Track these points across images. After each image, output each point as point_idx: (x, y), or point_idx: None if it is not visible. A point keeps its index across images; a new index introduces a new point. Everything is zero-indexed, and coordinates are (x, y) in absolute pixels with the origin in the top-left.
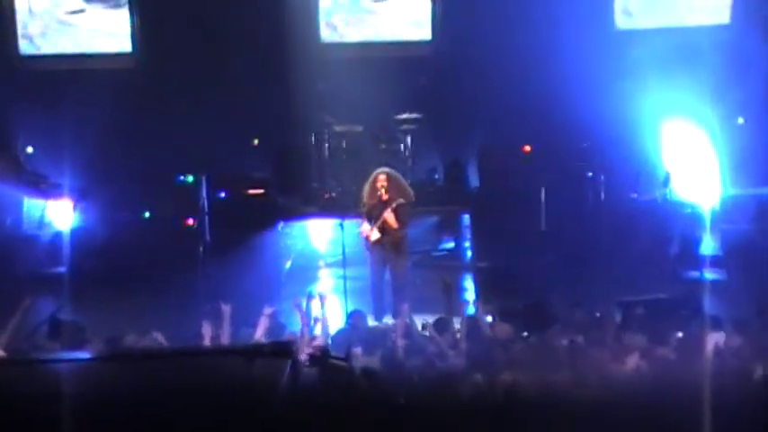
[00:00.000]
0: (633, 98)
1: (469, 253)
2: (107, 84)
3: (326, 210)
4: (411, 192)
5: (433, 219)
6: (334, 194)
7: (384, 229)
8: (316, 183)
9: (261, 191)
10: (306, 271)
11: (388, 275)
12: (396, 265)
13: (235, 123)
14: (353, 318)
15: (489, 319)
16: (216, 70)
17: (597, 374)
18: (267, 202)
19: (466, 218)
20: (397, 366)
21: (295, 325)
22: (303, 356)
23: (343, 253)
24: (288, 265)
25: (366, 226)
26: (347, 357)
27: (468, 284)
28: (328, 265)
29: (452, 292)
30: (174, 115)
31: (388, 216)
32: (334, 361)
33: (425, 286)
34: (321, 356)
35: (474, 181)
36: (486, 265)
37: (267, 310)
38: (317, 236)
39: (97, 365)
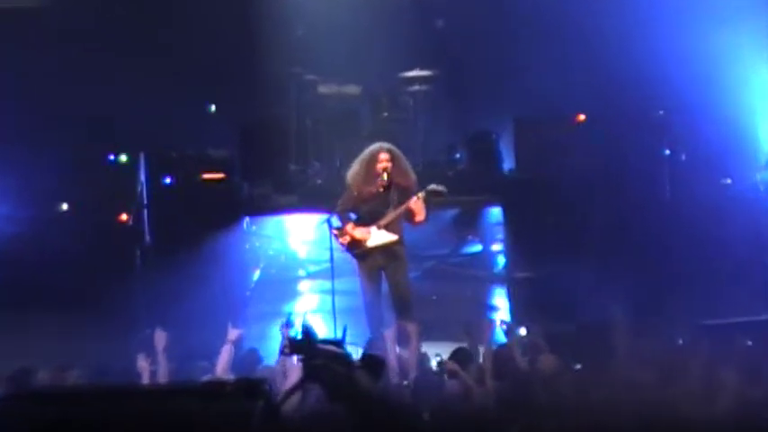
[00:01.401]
0: (726, 52)
1: (502, 259)
2: (3, 29)
3: (308, 201)
4: (414, 177)
5: (451, 212)
6: (318, 180)
7: (394, 228)
8: (294, 164)
9: (220, 175)
10: (281, 284)
11: (385, 289)
12: (395, 274)
13: (184, 84)
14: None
15: (527, 346)
16: (156, 10)
17: (675, 424)
18: (228, 190)
19: (496, 212)
20: (404, 412)
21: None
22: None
23: (332, 259)
24: (256, 275)
25: (351, 227)
26: (340, 342)
27: (500, 301)
28: (311, 276)
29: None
30: (97, 72)
31: (416, 206)
32: (324, 347)
33: (442, 304)
34: (303, 341)
35: (508, 162)
36: (524, 275)
37: (231, 334)
38: (296, 236)
39: None
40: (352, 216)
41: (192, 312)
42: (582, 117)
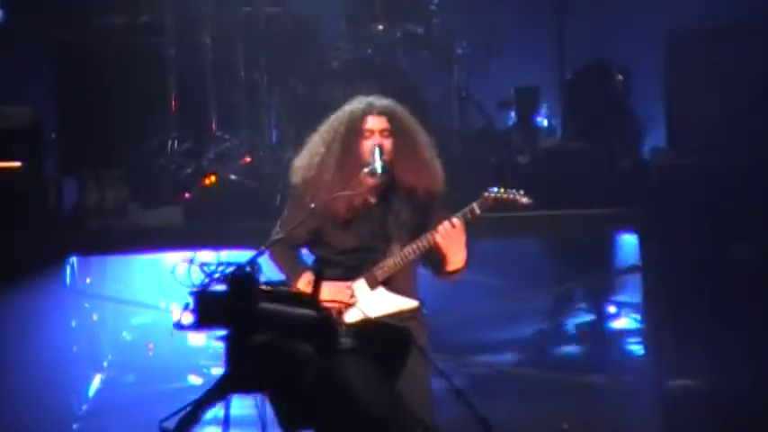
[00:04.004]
0: None
1: (639, 349)
2: None
3: (208, 217)
4: (439, 170)
5: (530, 246)
6: (231, 174)
7: (404, 283)
8: (175, 137)
9: (12, 163)
10: (148, 404)
11: None
12: (408, 387)
13: None
14: None
15: None
16: None
17: None
18: (32, 194)
19: (629, 243)
20: None
21: None
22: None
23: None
24: (95, 385)
25: (307, 282)
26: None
27: None
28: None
29: None
30: None
31: (450, 238)
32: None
33: None
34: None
35: (651, 134)
36: (688, 383)
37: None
38: (183, 297)
39: None
40: (306, 257)
41: None
42: None
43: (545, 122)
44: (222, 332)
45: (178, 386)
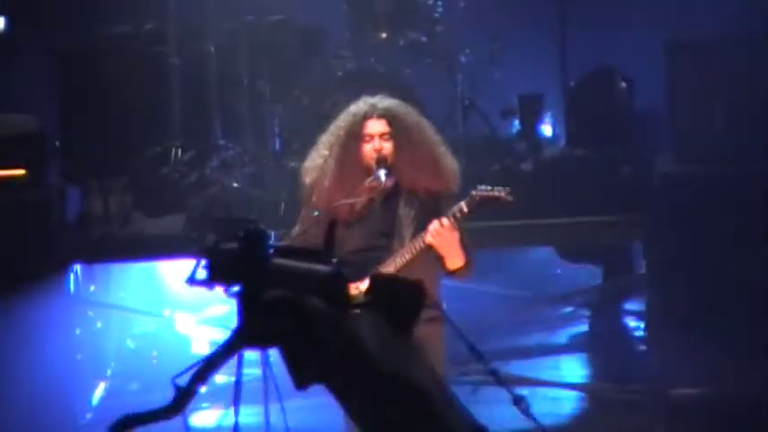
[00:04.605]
0: None
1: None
2: None
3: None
4: (455, 168)
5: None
6: (235, 182)
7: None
8: (179, 145)
9: (16, 171)
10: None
11: None
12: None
13: None
14: None
15: None
16: None
17: None
18: (35, 203)
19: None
20: None
21: None
22: None
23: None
24: (98, 393)
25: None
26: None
27: None
28: (217, 398)
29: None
30: None
31: (442, 237)
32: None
33: None
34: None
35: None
36: (694, 391)
37: None
38: (188, 307)
39: None
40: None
41: None
42: None
43: (548, 130)
44: (234, 288)
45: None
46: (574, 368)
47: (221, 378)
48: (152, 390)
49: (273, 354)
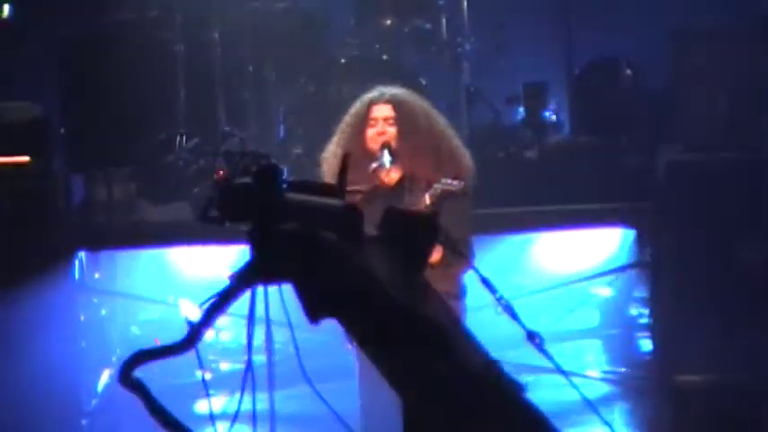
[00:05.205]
0: None
1: (647, 344)
2: None
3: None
4: (466, 154)
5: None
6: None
7: (438, 270)
8: (183, 133)
9: (20, 158)
10: (159, 400)
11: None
12: None
13: None
14: None
15: None
16: None
17: None
18: (38, 190)
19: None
20: None
21: None
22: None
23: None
24: (103, 379)
25: None
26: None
27: None
28: (222, 383)
29: None
30: None
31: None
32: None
33: None
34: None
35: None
36: (696, 379)
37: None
38: (193, 292)
39: None
40: None
41: None
42: None
43: (553, 118)
44: (246, 226)
45: (186, 381)
46: (579, 355)
47: (226, 365)
48: (156, 377)
49: (278, 340)
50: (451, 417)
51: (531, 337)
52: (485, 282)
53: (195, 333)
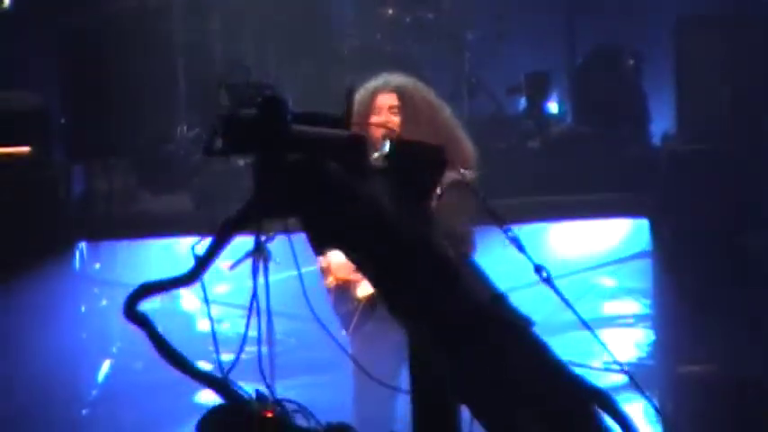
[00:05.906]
0: None
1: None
2: None
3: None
4: (470, 146)
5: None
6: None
7: None
8: (185, 124)
9: (21, 149)
10: (157, 392)
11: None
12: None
13: None
14: None
15: None
16: None
17: None
18: (39, 181)
19: (640, 230)
20: None
21: None
22: None
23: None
24: (104, 370)
25: (324, 260)
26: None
27: None
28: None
29: None
30: None
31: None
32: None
33: None
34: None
35: (665, 122)
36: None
37: None
38: (197, 285)
39: None
40: None
41: None
42: None
43: (555, 108)
44: (250, 158)
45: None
46: (582, 346)
47: (228, 357)
48: (156, 368)
49: (279, 330)
50: (455, 349)
51: (539, 270)
52: (491, 213)
53: (199, 267)
